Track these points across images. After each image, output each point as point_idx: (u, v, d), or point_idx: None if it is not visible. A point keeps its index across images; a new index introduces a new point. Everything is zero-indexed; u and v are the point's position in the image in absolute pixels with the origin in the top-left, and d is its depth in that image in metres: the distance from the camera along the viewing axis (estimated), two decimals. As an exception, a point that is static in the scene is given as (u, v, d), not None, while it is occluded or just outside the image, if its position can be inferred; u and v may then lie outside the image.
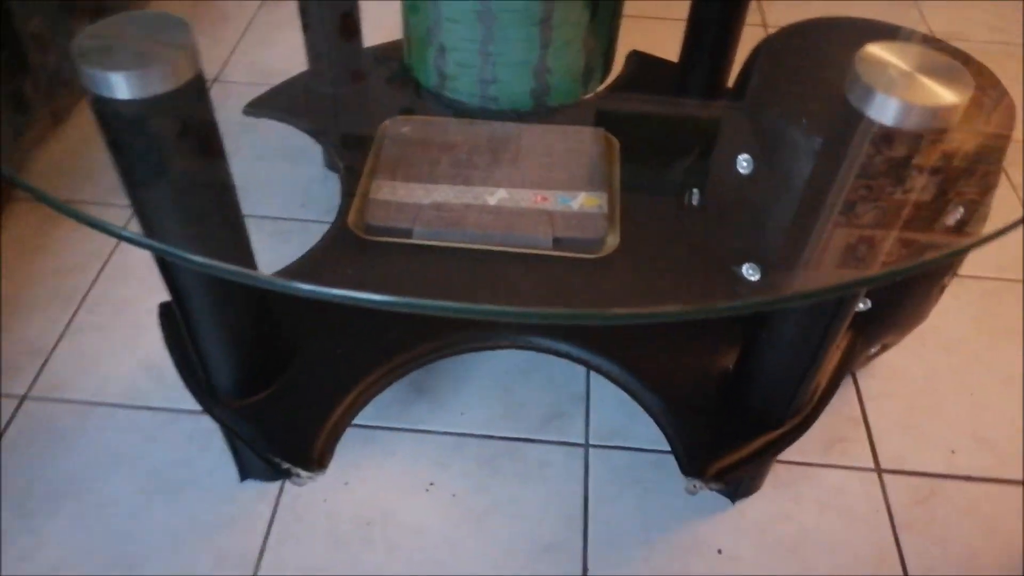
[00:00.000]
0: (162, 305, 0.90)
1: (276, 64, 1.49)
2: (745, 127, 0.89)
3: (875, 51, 0.64)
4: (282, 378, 0.85)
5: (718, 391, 0.87)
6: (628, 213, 1.01)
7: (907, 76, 0.62)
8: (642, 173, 1.07)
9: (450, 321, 0.91)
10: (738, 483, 0.91)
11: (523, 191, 1.00)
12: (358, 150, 1.08)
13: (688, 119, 1.17)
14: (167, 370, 1.02)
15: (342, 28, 1.14)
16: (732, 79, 1.17)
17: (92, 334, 1.06)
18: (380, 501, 0.92)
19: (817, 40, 0.89)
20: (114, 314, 1.09)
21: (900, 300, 0.93)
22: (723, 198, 0.96)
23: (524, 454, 0.97)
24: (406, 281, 0.95)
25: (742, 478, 0.89)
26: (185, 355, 0.85)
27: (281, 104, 1.15)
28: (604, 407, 1.02)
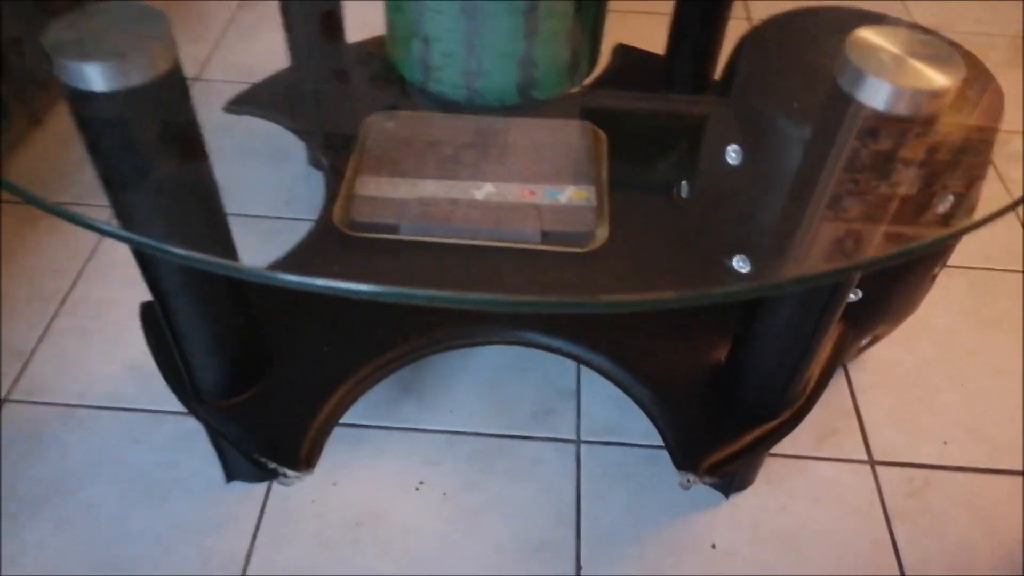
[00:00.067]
0: (143, 305, 0.88)
1: (256, 62, 1.47)
2: (733, 118, 0.88)
3: (866, 35, 0.63)
4: (267, 377, 0.84)
5: (711, 384, 0.87)
6: (617, 206, 1.00)
7: (898, 60, 0.61)
8: (630, 166, 1.06)
9: (438, 317, 0.90)
10: (732, 477, 0.90)
11: (510, 185, 0.99)
12: (342, 146, 1.06)
13: (675, 111, 1.17)
14: (150, 371, 1.00)
15: (324, 24, 1.12)
16: (718, 72, 1.16)
17: (73, 336, 1.05)
18: (369, 501, 0.91)
19: (804, 29, 0.89)
20: (95, 316, 1.07)
21: (891, 290, 0.93)
22: (712, 190, 0.95)
23: (515, 451, 0.96)
24: (393, 277, 0.93)
25: (736, 472, 0.88)
26: (168, 355, 0.84)
27: (263, 101, 1.14)
28: (595, 403, 1.01)
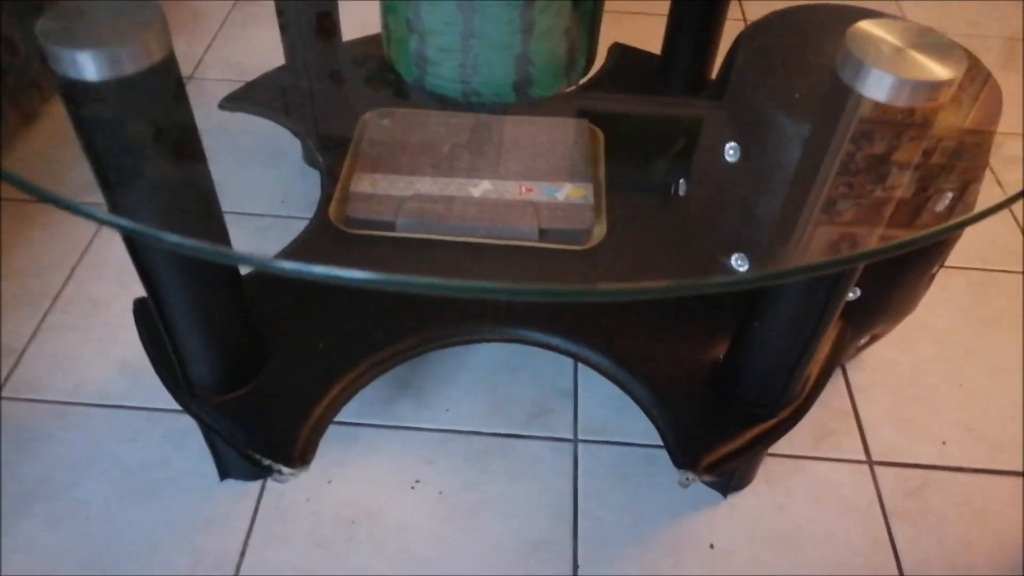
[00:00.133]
0: (137, 301, 0.87)
1: (251, 61, 1.46)
2: (731, 115, 0.88)
3: (867, 27, 0.63)
4: (262, 374, 0.83)
5: (709, 383, 0.86)
6: (614, 204, 0.99)
7: (900, 52, 0.61)
8: (628, 164, 1.06)
9: (435, 315, 0.89)
10: (730, 476, 0.90)
11: (507, 182, 0.98)
12: (338, 144, 1.05)
13: (672, 110, 1.16)
14: (143, 369, 0.99)
15: (320, 22, 1.12)
16: (715, 72, 1.16)
17: (65, 333, 1.03)
18: (364, 500, 0.90)
19: (801, 26, 0.88)
20: (87, 314, 1.06)
21: (890, 289, 0.92)
22: (710, 188, 0.95)
23: (511, 450, 0.95)
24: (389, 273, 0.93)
25: (734, 470, 0.87)
26: (161, 351, 0.83)
27: (258, 98, 1.13)
28: (592, 402, 1.00)
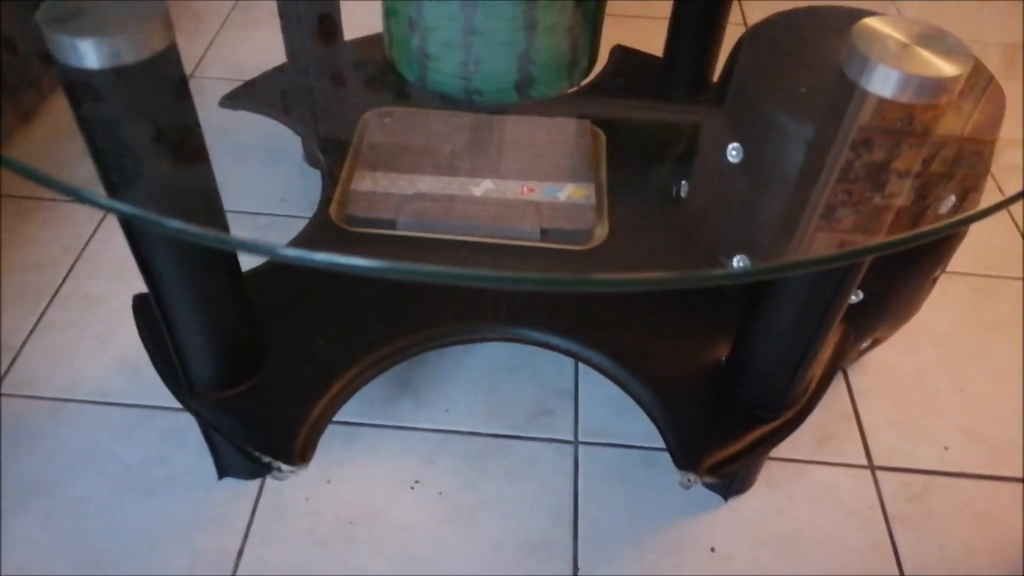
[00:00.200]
0: (136, 297, 0.87)
1: (251, 62, 1.46)
2: (733, 116, 0.88)
3: (872, 24, 0.62)
4: (262, 370, 0.82)
5: (711, 384, 0.85)
6: (616, 205, 0.99)
7: (905, 48, 0.61)
8: (629, 165, 1.05)
9: (436, 313, 0.89)
10: (732, 478, 0.89)
11: (509, 182, 0.98)
12: (339, 142, 1.05)
13: (674, 111, 1.16)
14: (141, 367, 0.99)
15: (321, 21, 1.12)
16: (717, 74, 1.16)
17: (63, 330, 1.03)
18: (364, 499, 0.89)
19: (802, 27, 0.88)
20: (86, 311, 1.05)
21: (892, 292, 0.92)
22: (713, 189, 0.94)
23: (511, 451, 0.95)
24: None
25: (736, 472, 0.87)
26: (161, 347, 0.82)
27: (259, 96, 1.13)
28: (593, 403, 1.00)
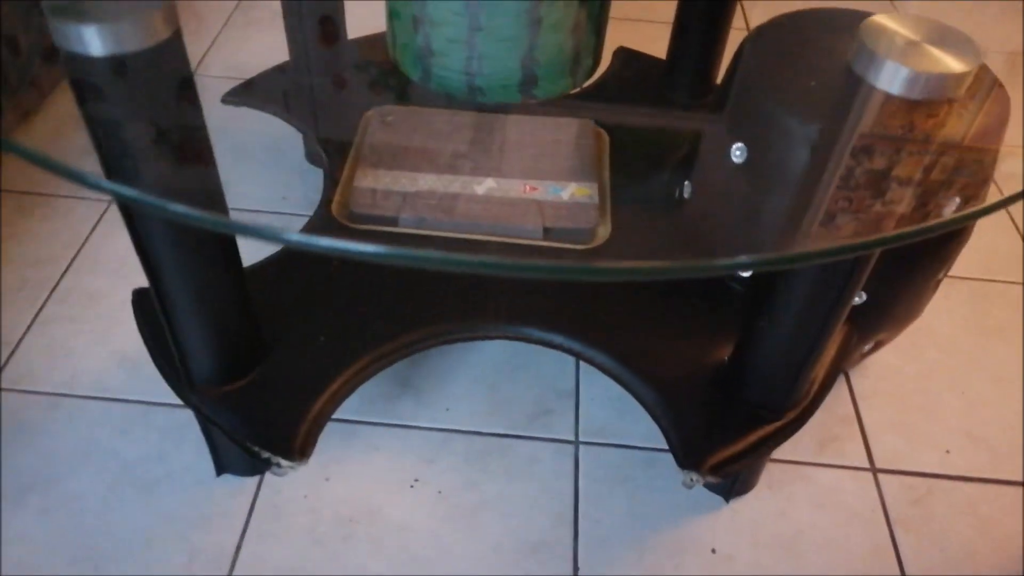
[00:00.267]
0: (136, 291, 0.86)
1: (253, 61, 1.46)
2: (738, 117, 0.87)
3: (881, 21, 0.62)
4: (262, 366, 0.82)
5: (714, 383, 0.85)
6: (619, 205, 0.99)
7: (914, 45, 0.61)
8: (633, 166, 1.05)
9: (438, 310, 0.89)
10: (734, 479, 0.89)
11: (512, 181, 0.98)
12: (341, 139, 1.05)
13: (678, 112, 1.16)
14: (140, 363, 0.98)
15: (324, 20, 1.11)
16: (720, 77, 1.15)
17: (62, 325, 1.02)
18: (363, 498, 0.89)
19: (806, 29, 0.88)
20: (85, 306, 1.05)
21: (896, 294, 0.92)
22: (716, 189, 0.94)
23: (512, 451, 0.94)
24: (391, 269, 0.92)
25: (739, 472, 0.86)
26: (160, 342, 0.82)
27: (261, 93, 1.12)
28: (594, 404, 0.99)
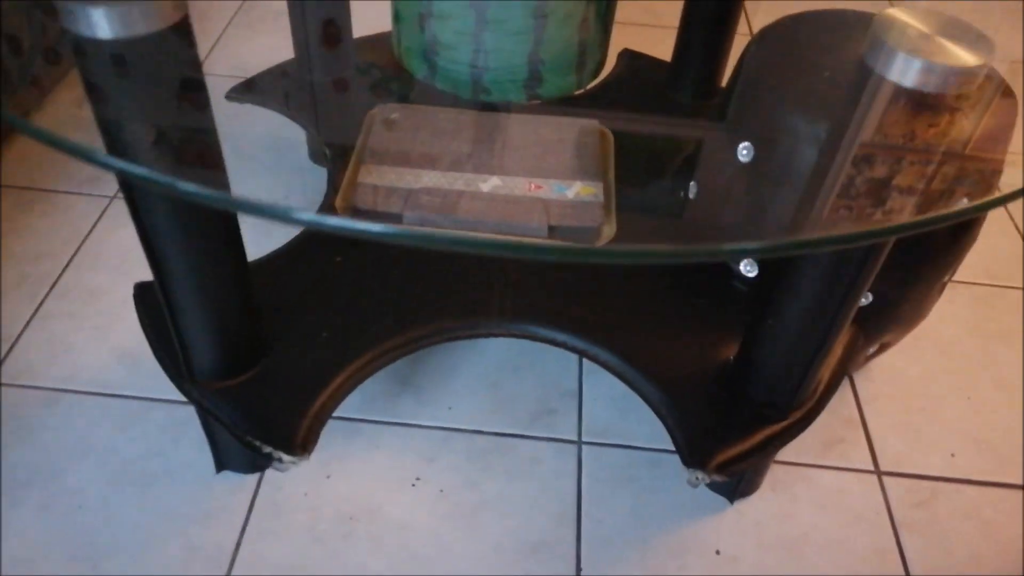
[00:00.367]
0: (138, 285, 0.85)
1: (256, 60, 1.46)
2: (744, 116, 0.87)
3: (895, 14, 0.62)
4: (265, 360, 0.81)
5: (719, 382, 0.84)
6: (624, 205, 0.98)
7: (927, 38, 0.60)
8: (638, 165, 1.05)
9: (442, 307, 0.88)
10: (738, 480, 0.88)
11: (517, 179, 0.97)
12: (345, 137, 1.04)
13: (683, 111, 1.16)
14: (140, 358, 0.97)
15: (330, 17, 1.11)
16: (726, 80, 1.15)
17: (62, 321, 1.01)
18: (364, 496, 0.88)
19: (812, 29, 0.88)
20: (85, 302, 1.04)
21: (902, 295, 0.91)
22: (722, 189, 0.94)
23: (514, 450, 0.93)
24: (394, 267, 0.92)
25: (743, 472, 0.86)
26: (162, 336, 0.81)
27: (265, 90, 1.12)
28: (597, 404, 0.98)
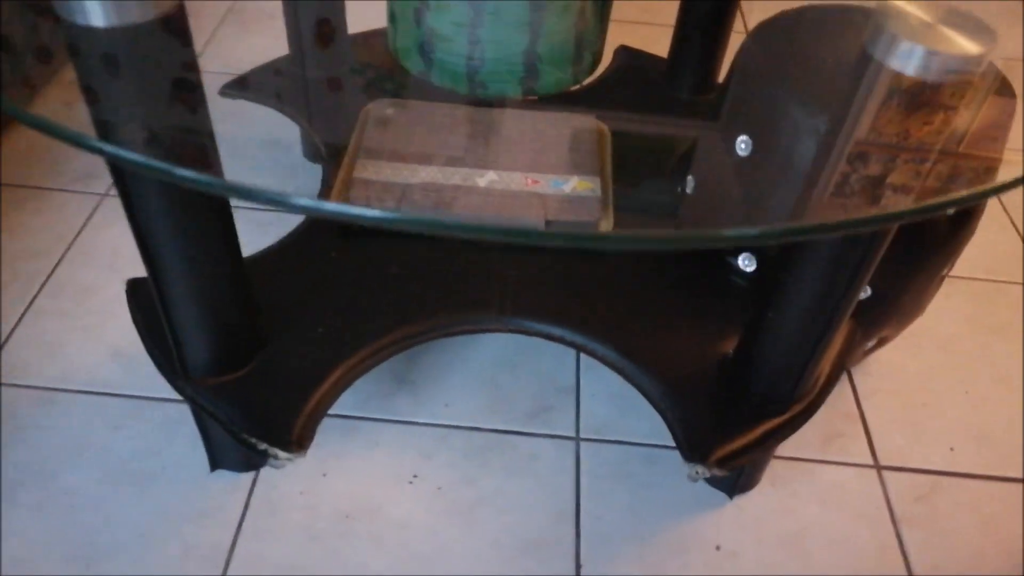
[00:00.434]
0: (130, 281, 0.84)
1: (249, 58, 1.45)
2: (741, 109, 0.86)
3: (897, 3, 0.62)
4: (260, 357, 0.80)
5: (719, 376, 0.84)
6: (621, 200, 0.98)
7: (930, 27, 0.60)
8: (635, 160, 1.04)
9: (438, 303, 0.87)
10: (737, 475, 0.87)
11: (514, 174, 0.97)
12: (340, 133, 1.03)
13: (680, 106, 1.15)
14: (133, 357, 0.96)
15: (325, 14, 1.10)
16: (722, 76, 1.15)
17: (54, 319, 1.00)
18: (361, 493, 0.87)
19: (809, 23, 0.87)
20: (77, 300, 1.03)
21: (901, 289, 0.91)
22: (719, 183, 0.93)
23: (512, 447, 0.92)
24: (391, 263, 0.91)
25: (743, 467, 0.85)
26: (155, 332, 0.80)
27: (260, 86, 1.11)
28: (594, 400, 0.98)
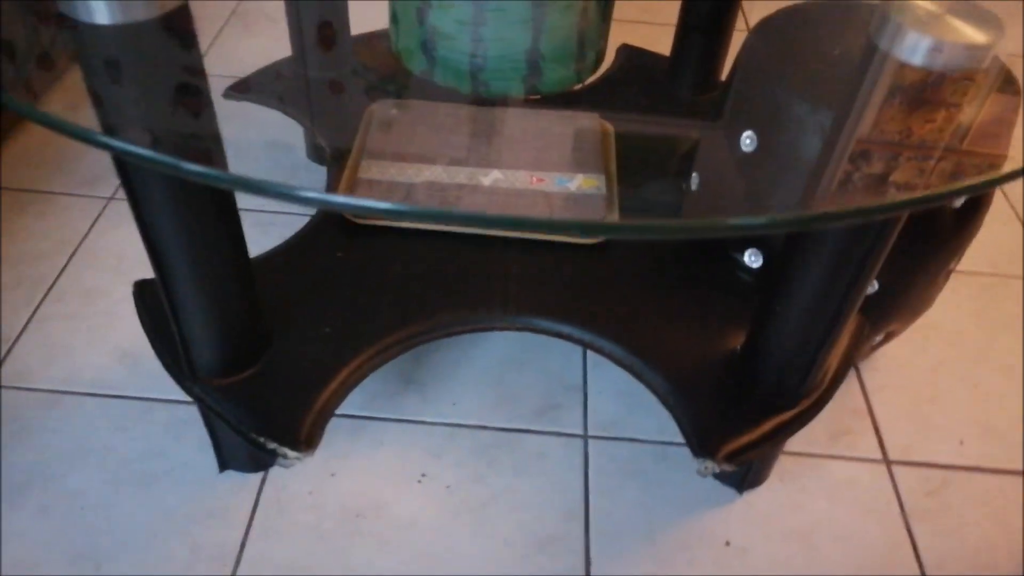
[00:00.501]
0: (137, 283, 0.84)
1: (253, 60, 1.44)
2: (746, 105, 0.86)
3: (901, -5, 0.62)
4: (267, 357, 0.80)
5: (727, 372, 0.84)
6: (625, 197, 0.98)
7: (936, 17, 0.60)
8: (639, 158, 1.04)
9: (445, 301, 0.87)
10: (746, 470, 0.87)
11: (518, 172, 0.97)
12: (344, 133, 1.03)
13: (684, 103, 1.15)
14: (139, 359, 0.96)
15: (328, 15, 1.10)
16: (724, 73, 1.15)
17: (60, 322, 1.00)
18: (369, 493, 0.87)
19: (812, 19, 0.87)
20: (84, 303, 1.03)
21: (908, 283, 0.91)
22: (723, 181, 0.93)
23: (520, 445, 0.92)
24: (397, 262, 0.91)
25: (752, 462, 0.85)
26: (162, 333, 0.80)
27: (263, 88, 1.11)
28: (602, 398, 0.97)
